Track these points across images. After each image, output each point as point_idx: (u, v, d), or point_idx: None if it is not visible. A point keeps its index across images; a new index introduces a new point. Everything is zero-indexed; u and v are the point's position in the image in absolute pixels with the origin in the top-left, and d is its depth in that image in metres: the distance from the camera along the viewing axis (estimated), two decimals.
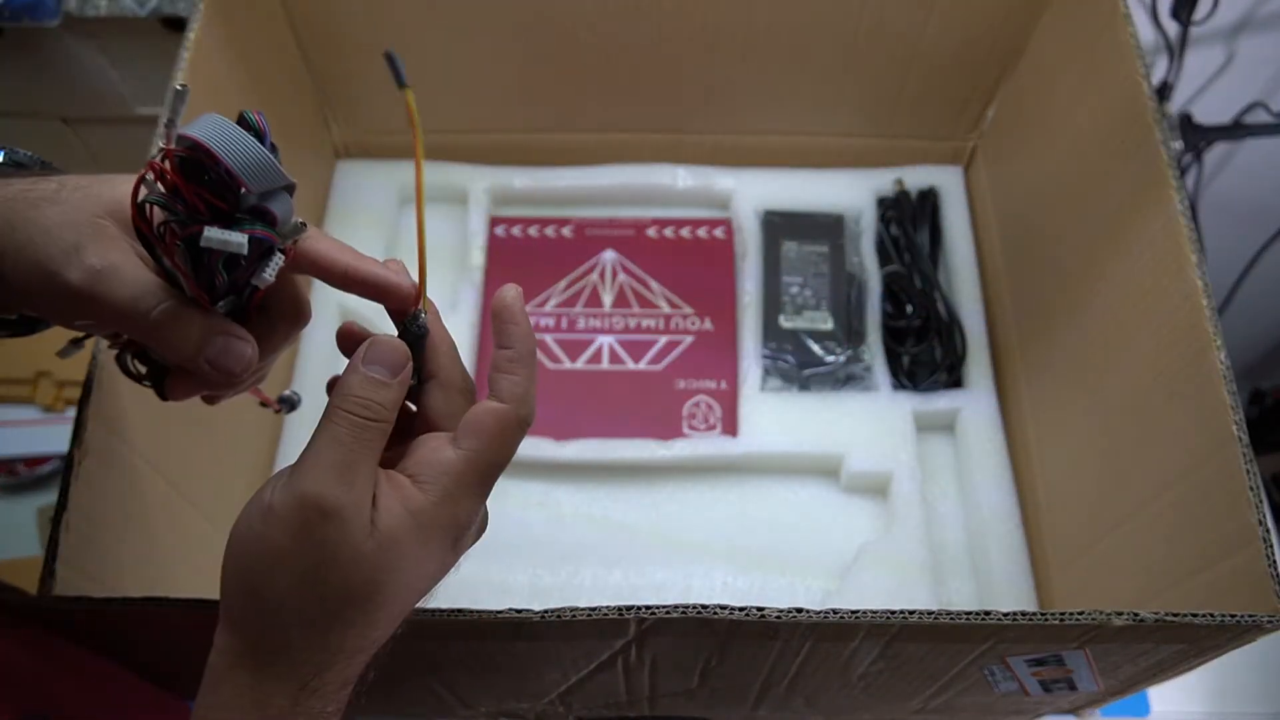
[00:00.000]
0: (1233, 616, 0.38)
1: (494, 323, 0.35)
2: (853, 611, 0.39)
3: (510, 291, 0.35)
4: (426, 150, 0.36)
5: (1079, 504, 0.59)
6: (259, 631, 0.31)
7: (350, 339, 0.37)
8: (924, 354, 0.70)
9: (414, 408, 0.36)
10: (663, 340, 0.71)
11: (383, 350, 0.33)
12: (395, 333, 0.36)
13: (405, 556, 0.32)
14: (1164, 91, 0.83)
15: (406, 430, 0.35)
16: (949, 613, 0.39)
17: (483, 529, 0.36)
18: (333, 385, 0.34)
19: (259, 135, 0.30)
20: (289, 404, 0.44)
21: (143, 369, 0.36)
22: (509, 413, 0.34)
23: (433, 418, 0.35)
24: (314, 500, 0.30)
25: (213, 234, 0.29)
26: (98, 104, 0.82)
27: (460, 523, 0.34)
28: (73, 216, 0.31)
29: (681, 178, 0.75)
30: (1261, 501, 0.41)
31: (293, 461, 0.31)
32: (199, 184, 0.29)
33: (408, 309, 0.36)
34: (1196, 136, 0.85)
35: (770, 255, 0.73)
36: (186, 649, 0.46)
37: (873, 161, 0.76)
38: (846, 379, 0.69)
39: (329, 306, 0.69)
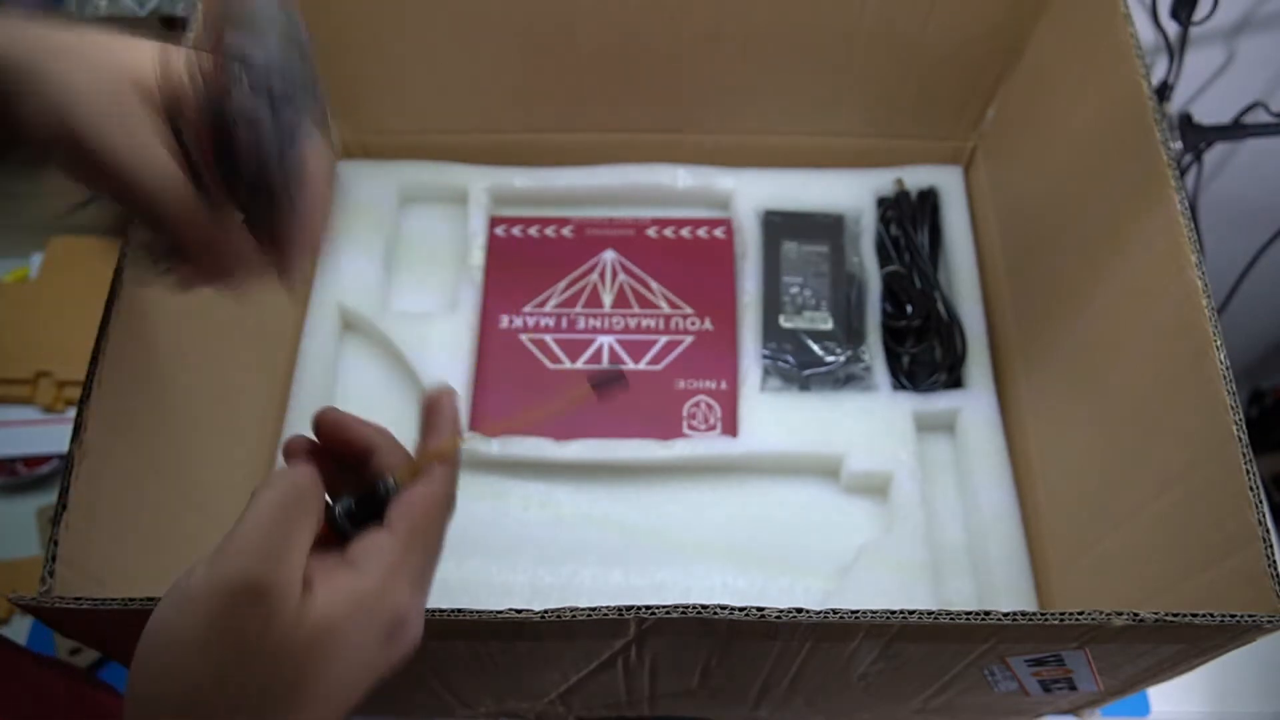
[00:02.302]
0: (1233, 616, 0.38)
1: (423, 416, 0.35)
2: (853, 611, 0.39)
3: (444, 393, 0.36)
4: (427, 150, 0.36)
5: (1079, 504, 0.59)
6: None
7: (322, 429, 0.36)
8: (924, 354, 0.70)
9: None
10: (663, 340, 0.71)
11: (294, 444, 0.33)
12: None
13: (338, 645, 0.29)
14: (1164, 91, 0.83)
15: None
16: (949, 613, 0.39)
17: (417, 639, 0.33)
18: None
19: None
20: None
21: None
22: (437, 494, 0.34)
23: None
24: (238, 582, 0.28)
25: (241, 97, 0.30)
26: None
27: (398, 613, 0.31)
28: (99, 81, 0.31)
29: (681, 178, 0.75)
30: (1261, 501, 0.41)
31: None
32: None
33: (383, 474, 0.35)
34: (1196, 136, 0.85)
35: (770, 255, 0.73)
36: None
37: (873, 161, 0.76)
38: (846, 379, 0.69)
39: (329, 307, 0.70)
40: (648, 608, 0.39)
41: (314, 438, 0.35)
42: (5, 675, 0.44)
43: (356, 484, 0.35)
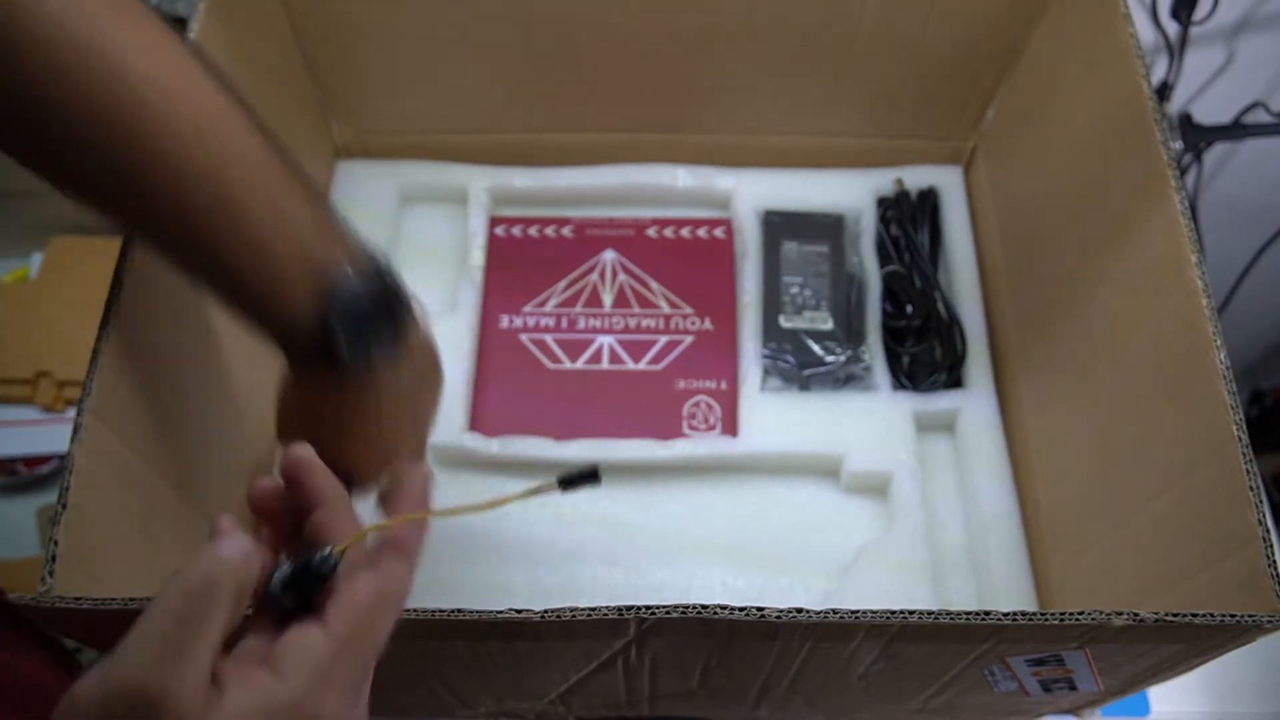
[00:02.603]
0: (1233, 616, 0.38)
1: (388, 506, 0.34)
2: (853, 611, 0.39)
3: (416, 472, 0.35)
4: (427, 150, 0.36)
5: (1079, 504, 0.59)
6: None
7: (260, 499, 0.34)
8: (924, 354, 0.70)
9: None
10: (663, 340, 0.71)
11: (218, 525, 0.29)
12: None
13: None
14: (1164, 91, 0.83)
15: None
16: (949, 613, 0.39)
17: None
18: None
19: None
20: None
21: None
22: (386, 591, 0.30)
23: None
24: (131, 691, 0.24)
25: None
26: None
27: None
28: None
29: (681, 178, 0.75)
30: (1261, 501, 0.41)
31: None
32: None
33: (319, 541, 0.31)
34: (1196, 136, 0.85)
35: (770, 255, 0.73)
36: None
37: (873, 161, 0.76)
38: (846, 379, 0.69)
39: None
40: (648, 608, 0.39)
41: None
42: (13, 678, 0.44)
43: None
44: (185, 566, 0.27)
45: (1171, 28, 0.81)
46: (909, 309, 0.71)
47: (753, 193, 0.75)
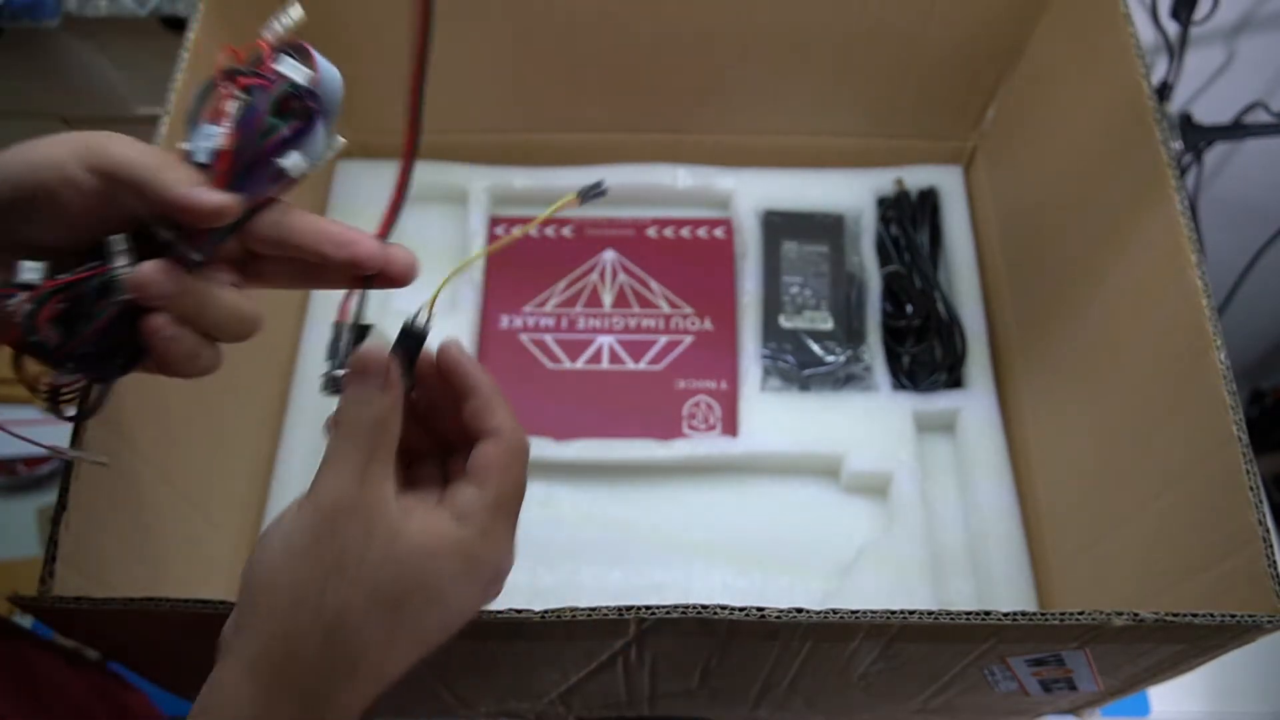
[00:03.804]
0: (1233, 616, 0.38)
1: (450, 379, 0.35)
2: (853, 611, 0.39)
3: (451, 345, 0.35)
4: (426, 150, 0.36)
5: (1079, 504, 0.59)
6: (270, 638, 0.30)
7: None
8: (924, 354, 0.70)
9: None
10: (663, 340, 0.71)
11: (366, 363, 0.33)
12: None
13: (440, 575, 0.31)
14: (1164, 91, 0.83)
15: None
16: (949, 613, 0.39)
17: (501, 587, 0.35)
18: None
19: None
20: None
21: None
22: (513, 444, 0.34)
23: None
24: (329, 503, 0.30)
25: (287, 63, 0.32)
26: (98, 104, 0.83)
27: (497, 564, 0.34)
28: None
29: (681, 178, 0.75)
30: (1261, 501, 0.41)
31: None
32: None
33: (394, 284, 0.36)
34: (1196, 136, 0.85)
35: (770, 255, 0.73)
36: (186, 649, 0.46)
37: (873, 161, 0.76)
38: (846, 379, 0.69)
39: (330, 307, 0.69)
40: (648, 608, 0.39)
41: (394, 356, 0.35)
42: (25, 677, 0.44)
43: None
44: (359, 409, 0.32)
45: (1171, 28, 0.81)
46: (909, 309, 0.71)
47: (753, 193, 0.75)
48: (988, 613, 0.39)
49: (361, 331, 0.35)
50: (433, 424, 0.37)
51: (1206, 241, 0.92)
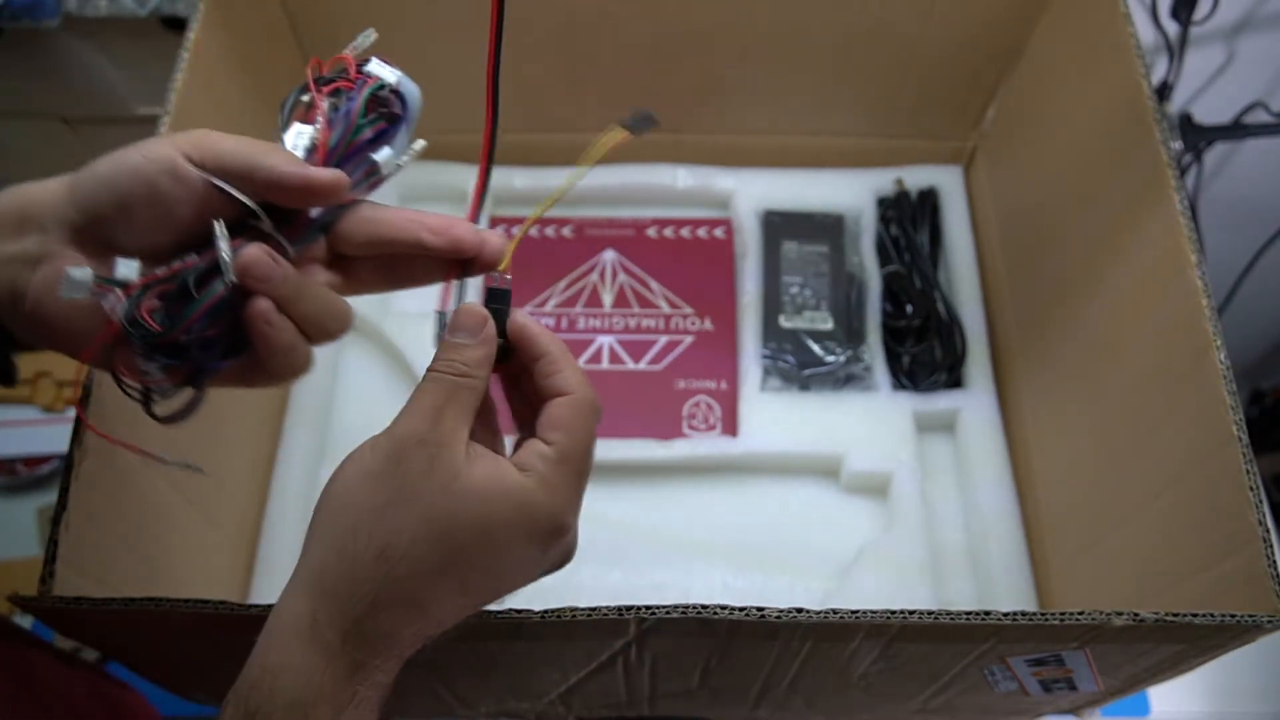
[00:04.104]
0: (1233, 616, 0.38)
1: (520, 345, 0.36)
2: (853, 611, 0.39)
3: (518, 313, 0.37)
4: (427, 150, 0.37)
5: (1079, 504, 0.59)
6: (327, 553, 0.31)
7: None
8: (924, 354, 0.70)
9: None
10: (663, 340, 0.71)
11: (462, 316, 0.35)
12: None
13: (492, 518, 0.32)
14: (1164, 91, 0.83)
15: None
16: (949, 613, 0.39)
17: (570, 554, 0.36)
18: None
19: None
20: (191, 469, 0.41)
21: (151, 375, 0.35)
22: (578, 400, 0.35)
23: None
24: (401, 434, 0.31)
25: (377, 65, 0.35)
26: (98, 104, 0.82)
27: (560, 520, 0.33)
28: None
29: (681, 178, 0.75)
30: (1261, 501, 0.41)
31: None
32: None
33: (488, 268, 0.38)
34: (1196, 136, 0.85)
35: (770, 255, 0.73)
36: (186, 649, 0.46)
37: (873, 161, 0.76)
38: (846, 379, 0.69)
39: None
40: (648, 608, 0.39)
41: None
42: (24, 678, 0.44)
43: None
44: (450, 353, 0.34)
45: (1171, 28, 0.81)
46: (909, 309, 0.71)
47: (753, 193, 0.75)
48: (988, 613, 0.39)
49: None
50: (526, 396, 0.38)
51: (1206, 241, 0.92)
